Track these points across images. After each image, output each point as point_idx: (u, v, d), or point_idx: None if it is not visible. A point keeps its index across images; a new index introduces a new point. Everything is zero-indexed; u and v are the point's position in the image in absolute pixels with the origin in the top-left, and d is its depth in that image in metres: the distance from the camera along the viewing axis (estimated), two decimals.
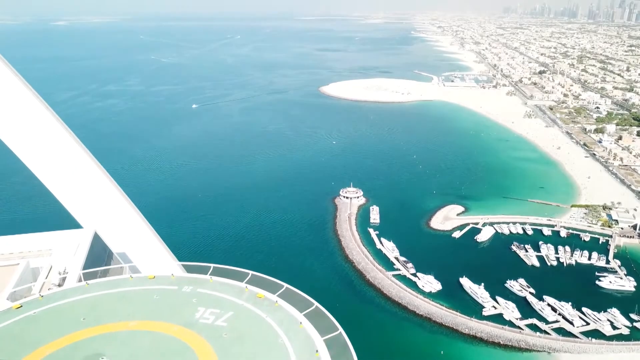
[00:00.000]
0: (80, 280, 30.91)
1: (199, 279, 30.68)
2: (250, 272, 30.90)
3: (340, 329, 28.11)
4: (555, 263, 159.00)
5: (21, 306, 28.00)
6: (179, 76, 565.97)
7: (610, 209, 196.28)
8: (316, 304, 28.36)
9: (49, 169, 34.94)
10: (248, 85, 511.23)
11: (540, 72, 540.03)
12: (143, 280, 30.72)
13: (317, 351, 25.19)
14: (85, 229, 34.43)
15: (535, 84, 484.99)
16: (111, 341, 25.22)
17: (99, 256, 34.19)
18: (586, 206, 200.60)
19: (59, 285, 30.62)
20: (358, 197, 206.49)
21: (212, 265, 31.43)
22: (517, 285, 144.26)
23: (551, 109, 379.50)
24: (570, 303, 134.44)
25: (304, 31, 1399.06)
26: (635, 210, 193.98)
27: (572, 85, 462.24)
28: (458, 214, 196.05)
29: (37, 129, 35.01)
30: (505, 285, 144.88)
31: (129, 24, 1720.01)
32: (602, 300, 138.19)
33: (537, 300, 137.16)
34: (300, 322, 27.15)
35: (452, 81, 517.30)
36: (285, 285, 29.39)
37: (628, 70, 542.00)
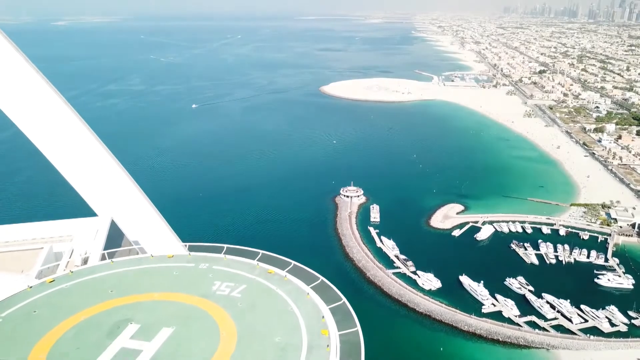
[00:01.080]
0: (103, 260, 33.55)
1: (214, 257, 33.66)
2: (261, 251, 33.78)
3: (344, 299, 30.72)
4: (554, 261, 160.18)
5: (54, 280, 30.92)
6: (179, 76, 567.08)
7: (609, 207, 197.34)
8: (322, 278, 30.97)
9: (69, 162, 37.59)
10: (249, 84, 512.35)
11: (540, 72, 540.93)
12: (163, 259, 33.52)
13: (323, 317, 27.77)
14: (103, 217, 36.89)
15: (535, 83, 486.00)
16: (138, 309, 28.04)
17: (116, 242, 36.59)
18: (585, 205, 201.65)
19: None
20: (358, 196, 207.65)
21: (225, 245, 34.37)
22: (516, 283, 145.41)
23: (551, 108, 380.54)
24: (568, 300, 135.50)
25: (305, 31, 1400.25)
26: (634, 208, 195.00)
27: (572, 85, 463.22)
28: (458, 213, 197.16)
29: (59, 126, 37.70)
30: (505, 283, 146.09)
31: (130, 23, 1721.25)
32: (601, 298, 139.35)
33: (536, 298, 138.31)
34: (308, 293, 29.69)
35: (453, 81, 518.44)
36: (293, 262, 32.12)
37: (628, 69, 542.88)
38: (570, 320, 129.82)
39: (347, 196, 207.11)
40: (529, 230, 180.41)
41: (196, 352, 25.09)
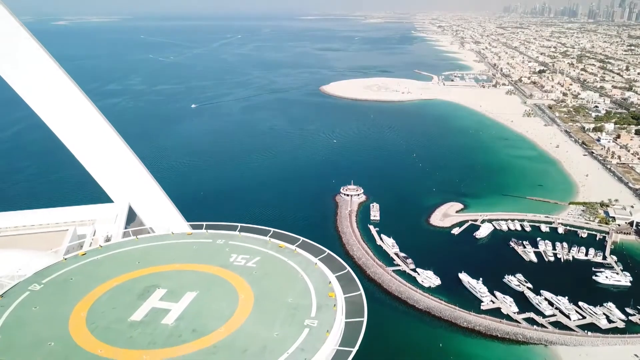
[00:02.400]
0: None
1: (229, 234, 37.16)
2: (272, 229, 37.07)
3: (348, 268, 34.27)
4: (552, 259, 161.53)
5: (85, 253, 34.35)
6: (179, 75, 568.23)
7: (607, 206, 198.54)
8: (328, 251, 34.10)
9: (91, 154, 41.07)
10: (249, 84, 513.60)
11: (540, 72, 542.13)
12: (183, 236, 36.98)
13: (329, 282, 31.25)
14: (121, 202, 39.73)
15: (534, 83, 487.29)
16: (163, 277, 31.16)
17: (132, 225, 39.48)
18: (584, 203, 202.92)
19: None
20: (358, 195, 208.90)
21: (239, 224, 37.50)
22: (515, 280, 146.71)
23: (550, 107, 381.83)
24: (567, 297, 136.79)
25: (305, 31, 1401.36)
26: (632, 207, 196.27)
27: (571, 85, 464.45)
28: (457, 211, 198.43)
29: (83, 123, 41.40)
30: (504, 280, 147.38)
31: (130, 23, 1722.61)
32: (599, 295, 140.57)
33: (535, 295, 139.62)
34: (316, 263, 33.09)
35: (452, 80, 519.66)
36: (302, 238, 35.21)
37: (627, 69, 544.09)
38: (568, 316, 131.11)
39: (347, 195, 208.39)
40: (528, 229, 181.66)
41: (218, 311, 28.14)
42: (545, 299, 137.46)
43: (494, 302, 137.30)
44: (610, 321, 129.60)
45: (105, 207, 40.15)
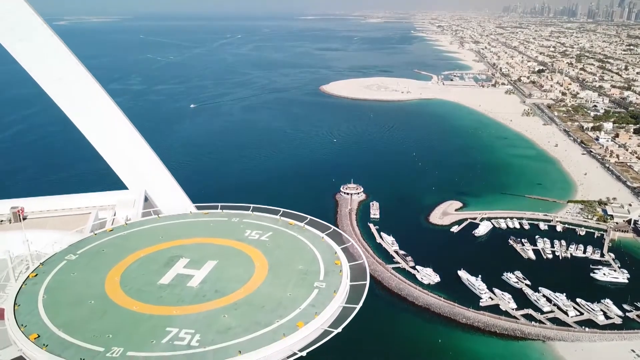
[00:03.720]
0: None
1: (243, 213, 40.86)
2: (282, 209, 40.32)
3: (352, 241, 38.39)
4: (551, 256, 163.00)
5: (112, 230, 38.12)
6: (179, 75, 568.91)
7: (605, 204, 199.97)
8: (333, 227, 38.02)
9: (110, 146, 45.46)
10: (248, 84, 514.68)
11: (539, 71, 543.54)
12: (200, 215, 41.34)
13: (335, 253, 35.28)
14: (137, 189, 43.21)
15: (533, 82, 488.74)
16: (185, 249, 34.77)
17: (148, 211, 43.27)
18: (582, 202, 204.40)
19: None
20: (358, 193, 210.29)
21: (251, 205, 41.14)
22: (513, 278, 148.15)
23: (549, 107, 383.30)
24: (565, 294, 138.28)
25: (304, 30, 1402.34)
26: (630, 205, 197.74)
27: (570, 84, 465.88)
28: (456, 210, 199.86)
29: (104, 118, 45.42)
30: (502, 277, 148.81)
31: (129, 23, 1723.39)
32: (596, 292, 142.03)
33: (533, 292, 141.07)
34: (322, 237, 37.00)
35: (452, 80, 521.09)
36: (309, 217, 39.11)
37: (626, 69, 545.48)
38: (566, 313, 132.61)
39: (347, 193, 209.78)
40: (527, 227, 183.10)
41: (237, 276, 31.58)
42: (544, 295, 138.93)
43: (492, 299, 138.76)
44: (607, 317, 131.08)
45: (124, 193, 43.76)
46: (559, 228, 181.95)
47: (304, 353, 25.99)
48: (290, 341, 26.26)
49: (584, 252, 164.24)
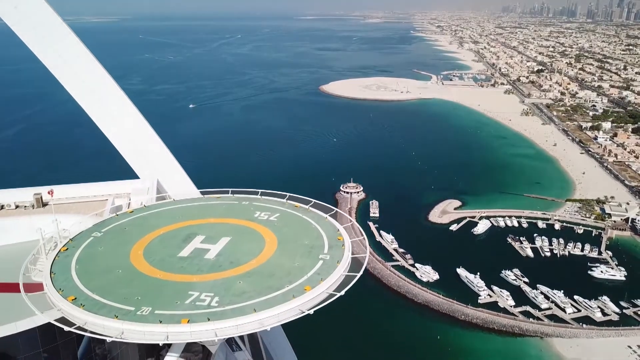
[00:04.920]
0: None
1: (252, 197, 44.99)
2: (288, 194, 44.43)
3: (354, 221, 42.83)
4: (549, 254, 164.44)
5: (133, 211, 42.16)
6: (178, 75, 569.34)
7: (603, 203, 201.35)
8: (335, 209, 41.75)
9: (124, 139, 51.80)
10: (248, 84, 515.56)
11: (538, 71, 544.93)
12: (212, 199, 45.34)
13: (338, 230, 38.43)
14: (150, 178, 47.57)
15: (532, 82, 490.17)
16: (201, 227, 38.50)
17: (160, 199, 47.21)
18: (580, 200, 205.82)
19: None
20: (358, 192, 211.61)
21: (259, 190, 45.15)
22: (511, 275, 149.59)
23: (548, 106, 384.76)
24: (562, 291, 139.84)
25: (304, 31, 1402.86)
26: (627, 204, 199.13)
27: (569, 84, 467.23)
28: (455, 208, 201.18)
29: (117, 110, 53.38)
30: (501, 275, 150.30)
31: (129, 23, 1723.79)
32: (594, 289, 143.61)
33: (531, 289, 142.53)
34: (326, 217, 40.51)
35: (451, 80, 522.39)
36: (314, 200, 42.72)
37: (625, 68, 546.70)
38: (563, 310, 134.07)
39: (347, 192, 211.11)
40: (525, 225, 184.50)
41: (249, 249, 34.96)
42: (542, 292, 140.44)
43: (491, 296, 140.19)
44: (604, 314, 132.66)
45: (138, 182, 47.66)
46: (557, 226, 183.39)
47: (311, 311, 29.39)
48: (299, 302, 29.38)
49: (582, 250, 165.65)
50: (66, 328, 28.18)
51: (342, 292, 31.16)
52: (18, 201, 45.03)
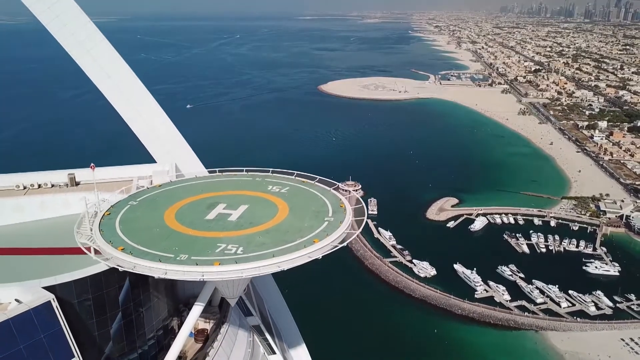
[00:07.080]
0: None
1: (264, 174, 51.07)
2: (295, 172, 49.95)
3: (355, 194, 47.84)
4: (544, 250, 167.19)
5: (161, 185, 48.34)
6: (177, 75, 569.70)
7: (598, 200, 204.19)
8: (338, 183, 47.70)
9: (144, 125, 59.78)
10: (247, 84, 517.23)
11: (535, 71, 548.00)
12: (228, 176, 52.73)
13: (340, 199, 43.91)
14: (167, 162, 53.81)
15: (530, 82, 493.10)
16: (222, 197, 44.41)
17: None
18: (576, 198, 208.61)
19: None
20: (357, 190, 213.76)
21: (270, 169, 51.21)
22: (508, 271, 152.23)
23: (545, 106, 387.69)
24: (557, 286, 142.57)
25: (302, 31, 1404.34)
26: (622, 201, 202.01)
27: (566, 84, 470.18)
28: (453, 206, 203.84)
29: (138, 100, 61.27)
30: (497, 270, 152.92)
31: (127, 23, 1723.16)
32: (588, 284, 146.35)
33: (527, 284, 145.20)
34: (330, 190, 46.21)
35: (449, 79, 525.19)
36: (318, 177, 48.50)
37: (622, 68, 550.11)
38: (558, 304, 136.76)
39: (346, 190, 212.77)
40: (521, 222, 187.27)
41: (265, 213, 40.68)
42: (537, 287, 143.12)
43: (487, 291, 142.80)
44: (598, 308, 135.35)
45: (158, 165, 53.55)
46: (552, 223, 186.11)
47: (319, 256, 35.27)
48: (309, 250, 35.12)
49: (577, 246, 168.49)
50: (121, 268, 33.38)
51: (345, 244, 37.51)
52: (53, 181, 50.65)
